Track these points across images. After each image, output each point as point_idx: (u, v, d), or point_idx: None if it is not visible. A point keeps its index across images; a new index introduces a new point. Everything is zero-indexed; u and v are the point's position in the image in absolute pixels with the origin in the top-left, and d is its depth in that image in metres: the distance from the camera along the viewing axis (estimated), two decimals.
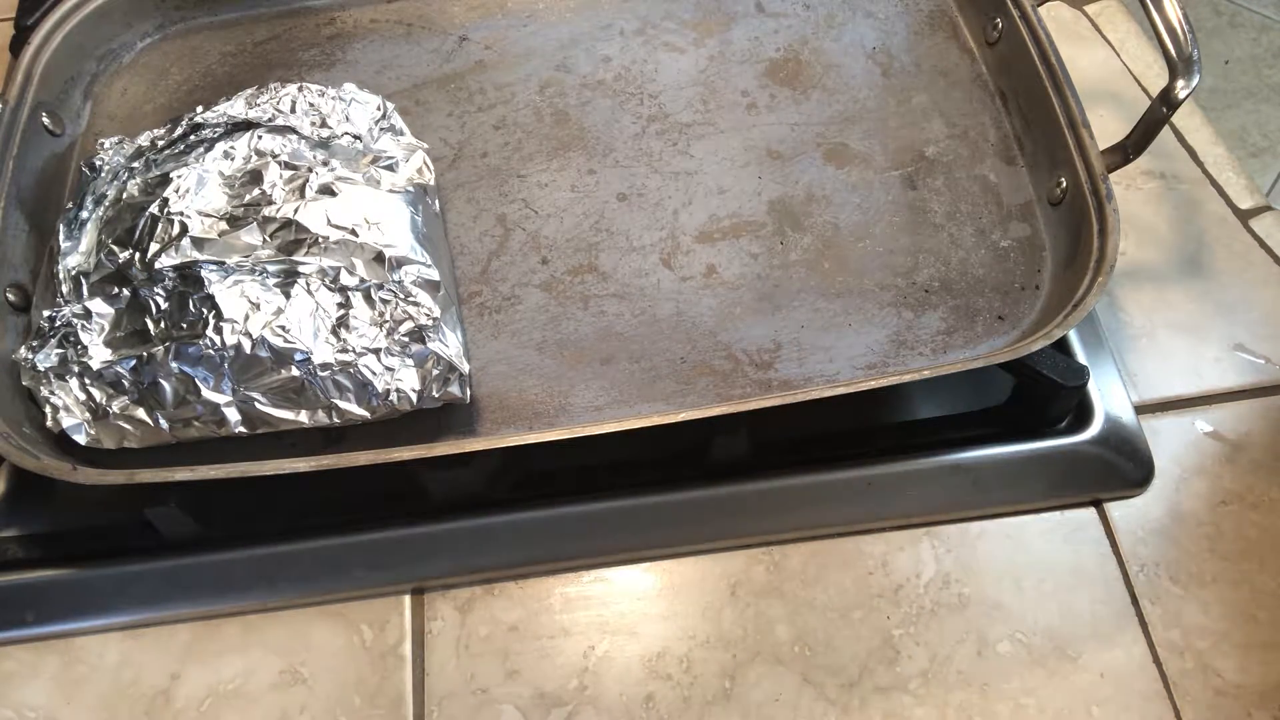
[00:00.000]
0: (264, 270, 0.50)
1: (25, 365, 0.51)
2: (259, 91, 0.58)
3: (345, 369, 0.49)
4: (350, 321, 0.49)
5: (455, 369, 0.50)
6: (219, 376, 0.49)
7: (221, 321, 0.49)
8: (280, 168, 0.53)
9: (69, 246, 0.54)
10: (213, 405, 0.49)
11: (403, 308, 0.50)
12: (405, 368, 0.49)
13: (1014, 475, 0.53)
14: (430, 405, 0.50)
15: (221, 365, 0.49)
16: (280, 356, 0.49)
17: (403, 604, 0.51)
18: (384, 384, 0.49)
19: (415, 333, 0.49)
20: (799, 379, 0.53)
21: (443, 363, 0.50)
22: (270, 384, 0.49)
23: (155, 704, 0.49)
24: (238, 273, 0.50)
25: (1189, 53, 0.52)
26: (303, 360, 0.49)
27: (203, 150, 0.55)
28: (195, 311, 0.49)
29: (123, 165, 0.57)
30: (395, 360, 0.49)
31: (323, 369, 0.49)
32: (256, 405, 0.49)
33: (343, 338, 0.49)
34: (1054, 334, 0.49)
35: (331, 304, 0.50)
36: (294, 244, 0.50)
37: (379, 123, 0.58)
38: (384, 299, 0.50)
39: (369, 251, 0.50)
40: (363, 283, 0.50)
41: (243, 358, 0.48)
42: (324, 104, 0.58)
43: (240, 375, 0.49)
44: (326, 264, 0.50)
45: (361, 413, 0.49)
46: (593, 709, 0.48)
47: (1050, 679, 0.48)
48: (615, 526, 0.52)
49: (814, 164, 0.61)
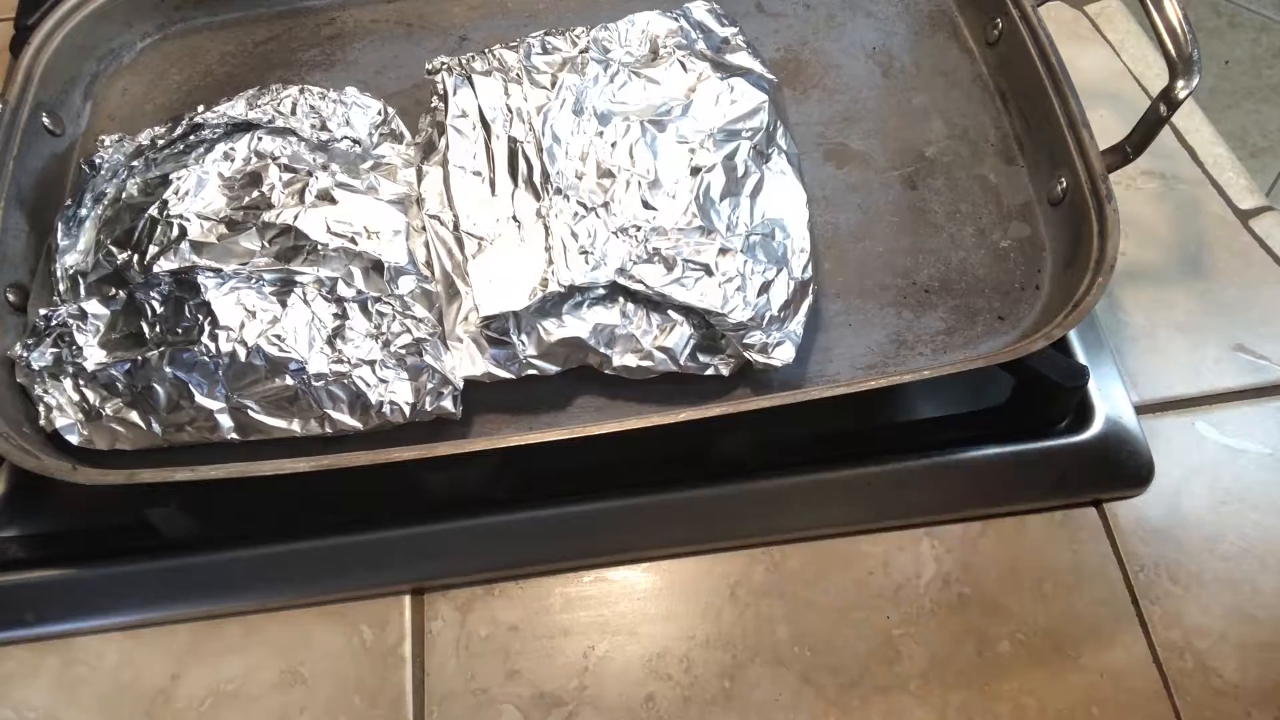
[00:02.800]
0: (260, 278, 0.50)
1: (20, 363, 0.51)
2: (260, 92, 0.58)
3: (339, 380, 0.49)
4: (346, 333, 0.49)
5: (449, 383, 0.50)
6: (213, 383, 0.49)
7: (217, 328, 0.49)
8: (279, 170, 0.53)
9: (67, 244, 0.54)
10: (205, 411, 0.49)
11: (399, 320, 0.50)
12: (399, 380, 0.49)
13: (1014, 475, 0.53)
14: (423, 419, 0.50)
15: (215, 372, 0.49)
16: (275, 365, 0.49)
17: (403, 604, 0.51)
18: (377, 396, 0.49)
19: (411, 346, 0.49)
20: (799, 379, 0.53)
21: (436, 376, 0.49)
22: (264, 392, 0.49)
23: (155, 704, 0.49)
24: (234, 279, 0.50)
25: (1189, 53, 0.52)
26: (297, 370, 0.49)
27: (203, 151, 0.55)
28: (191, 317, 0.49)
29: (123, 164, 0.57)
30: (390, 373, 0.49)
31: (316, 379, 0.49)
32: (249, 413, 0.49)
33: (338, 348, 0.49)
34: (1054, 334, 0.49)
35: (328, 314, 0.50)
36: (292, 250, 0.50)
37: (379, 127, 0.58)
38: (380, 311, 0.50)
39: (367, 260, 0.50)
40: (360, 294, 0.50)
41: (237, 365, 0.48)
42: (325, 107, 0.58)
43: (234, 383, 0.49)
44: (324, 274, 0.50)
45: (354, 424, 0.49)
46: (593, 709, 0.48)
47: (1050, 679, 0.48)
48: (615, 526, 0.52)
49: (814, 164, 0.61)
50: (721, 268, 0.51)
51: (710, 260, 0.51)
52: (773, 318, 0.51)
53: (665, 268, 0.50)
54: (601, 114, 0.55)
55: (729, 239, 0.52)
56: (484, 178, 0.53)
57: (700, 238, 0.51)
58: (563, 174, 0.52)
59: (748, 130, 0.55)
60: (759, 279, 0.51)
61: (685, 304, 0.50)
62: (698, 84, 0.56)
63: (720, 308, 0.50)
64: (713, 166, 0.53)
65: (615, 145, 0.54)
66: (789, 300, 0.51)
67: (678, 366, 0.51)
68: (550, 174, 0.52)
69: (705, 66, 0.57)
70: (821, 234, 0.58)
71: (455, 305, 0.51)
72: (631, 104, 0.55)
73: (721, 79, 0.56)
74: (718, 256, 0.51)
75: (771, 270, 0.52)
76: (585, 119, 0.54)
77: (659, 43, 0.58)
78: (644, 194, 0.52)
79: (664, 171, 0.53)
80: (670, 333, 0.51)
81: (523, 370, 0.51)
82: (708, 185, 0.53)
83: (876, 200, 0.60)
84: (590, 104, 0.55)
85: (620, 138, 0.54)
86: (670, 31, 0.59)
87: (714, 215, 0.52)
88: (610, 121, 0.54)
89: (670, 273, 0.50)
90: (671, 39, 0.58)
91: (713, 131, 0.54)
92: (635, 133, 0.54)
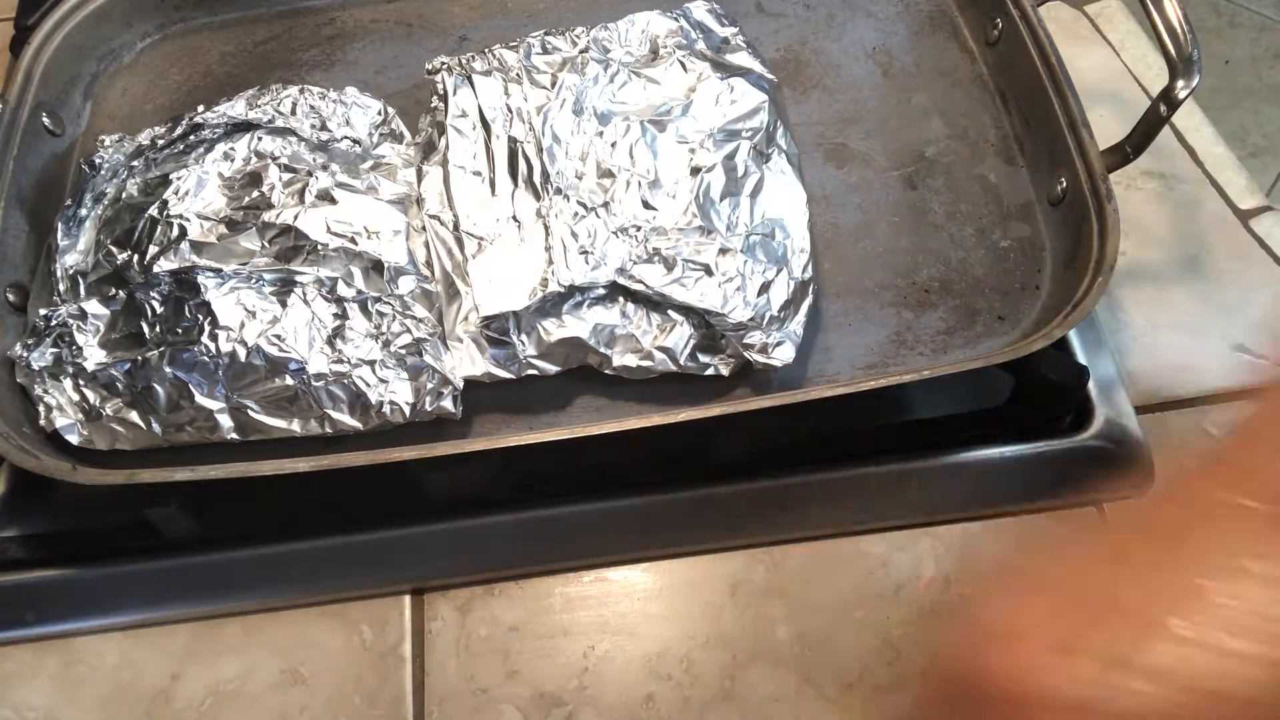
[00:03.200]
0: (260, 278, 0.50)
1: (20, 363, 0.51)
2: (260, 92, 0.58)
3: (339, 380, 0.49)
4: (346, 333, 0.49)
5: (449, 383, 0.50)
6: (213, 383, 0.49)
7: (217, 329, 0.49)
8: (279, 170, 0.53)
9: (67, 244, 0.54)
10: (206, 411, 0.49)
11: (399, 320, 0.50)
12: (399, 380, 0.49)
13: (1014, 475, 0.53)
14: (423, 419, 0.50)
15: (215, 372, 0.49)
16: (275, 365, 0.49)
17: (403, 604, 0.51)
18: (377, 396, 0.49)
19: (411, 346, 0.49)
20: (799, 379, 0.53)
21: (436, 376, 0.49)
22: (264, 392, 0.49)
23: (155, 704, 0.49)
24: (234, 279, 0.50)
25: (1189, 53, 0.52)
26: (297, 370, 0.49)
27: (203, 151, 0.55)
28: (191, 317, 0.49)
29: (122, 163, 0.57)
30: (390, 373, 0.49)
31: (316, 379, 0.49)
32: (249, 413, 0.49)
33: (338, 348, 0.49)
34: (1054, 334, 0.49)
35: (328, 314, 0.50)
36: (292, 251, 0.50)
37: (379, 128, 0.58)
38: (380, 311, 0.50)
39: (367, 260, 0.50)
40: (360, 294, 0.50)
41: (237, 365, 0.49)
42: (325, 107, 0.58)
43: (234, 383, 0.49)
44: (324, 274, 0.50)
45: (354, 424, 0.50)
46: (593, 709, 0.48)
47: None
48: (615, 526, 0.52)
49: (814, 164, 0.61)
50: (721, 268, 0.51)
51: (710, 260, 0.51)
52: (773, 318, 0.51)
53: (665, 268, 0.50)
54: (602, 114, 0.55)
55: (729, 239, 0.52)
56: (484, 178, 0.53)
57: (700, 238, 0.51)
58: (563, 174, 0.52)
59: (748, 130, 0.55)
60: (759, 279, 0.51)
61: (685, 304, 0.50)
62: (698, 84, 0.56)
63: (720, 308, 0.50)
64: (713, 166, 0.53)
65: (615, 145, 0.54)
66: (789, 300, 0.51)
67: (678, 366, 0.51)
68: (550, 174, 0.52)
69: (705, 66, 0.57)
70: (821, 234, 0.58)
71: (455, 305, 0.51)
72: (631, 104, 0.55)
73: (721, 79, 0.56)
74: (718, 256, 0.51)
75: (771, 270, 0.52)
76: (585, 119, 0.54)
77: (659, 43, 0.58)
78: (644, 194, 0.52)
79: (664, 171, 0.53)
80: (670, 333, 0.51)
81: (523, 370, 0.51)
82: (708, 185, 0.53)
83: (876, 200, 0.60)
84: (590, 104, 0.55)
85: (620, 137, 0.54)
86: (670, 31, 0.59)
87: (714, 215, 0.52)
88: (610, 121, 0.54)
89: (670, 273, 0.50)
90: (671, 39, 0.58)
91: (713, 131, 0.54)
92: (635, 133, 0.54)
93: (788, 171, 0.55)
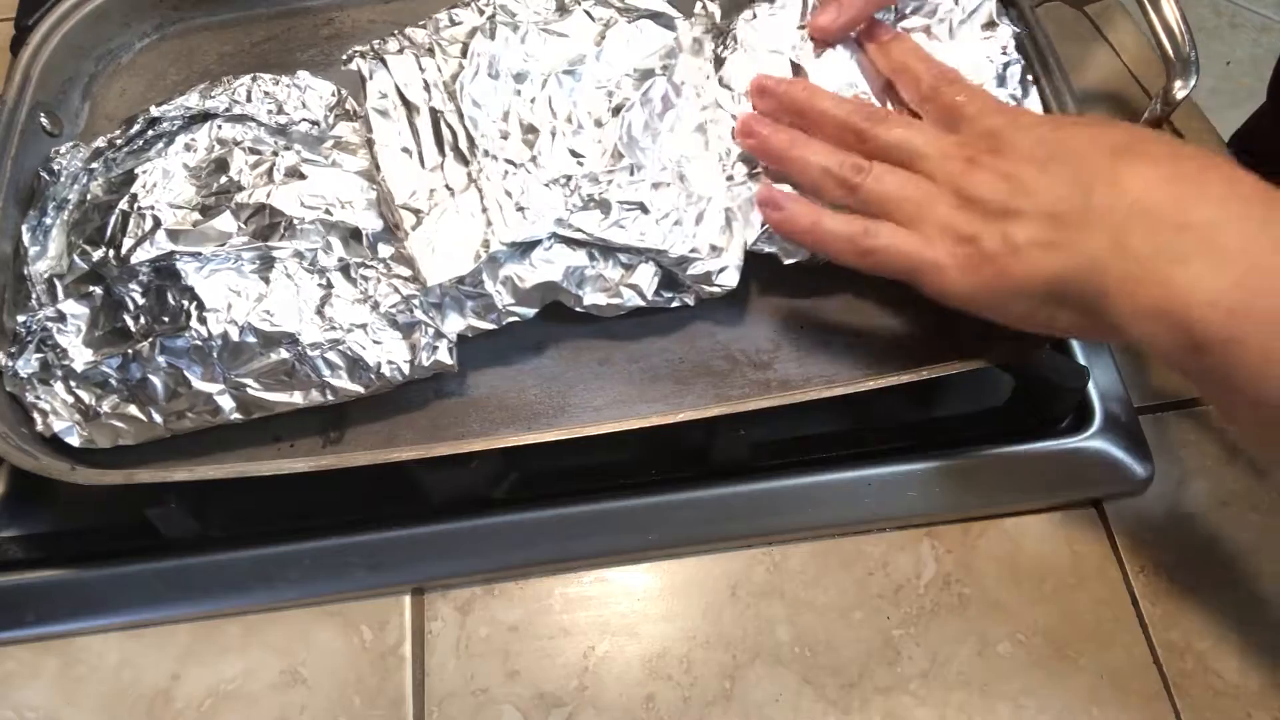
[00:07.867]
0: (240, 258, 0.50)
1: (7, 373, 0.50)
2: (212, 84, 0.58)
3: (335, 346, 0.49)
4: (333, 301, 0.50)
5: (442, 335, 0.50)
6: (209, 366, 0.49)
7: (205, 312, 0.49)
8: (245, 154, 0.53)
9: (36, 252, 0.54)
10: (205, 395, 0.49)
11: (385, 282, 0.50)
12: (394, 340, 0.50)
13: (1014, 475, 0.53)
14: (422, 375, 0.50)
15: (210, 355, 0.49)
16: (268, 340, 0.49)
17: (403, 604, 0.51)
18: (374, 357, 0.49)
19: (400, 304, 0.50)
20: (799, 379, 0.53)
21: (430, 330, 0.50)
22: (261, 368, 0.49)
23: (155, 704, 0.49)
24: (214, 261, 0.50)
25: (1186, 53, 0.52)
26: (291, 342, 0.49)
27: (163, 145, 0.55)
28: (175, 304, 0.49)
29: (81, 168, 0.57)
30: (383, 334, 0.50)
31: (312, 348, 0.49)
32: (249, 391, 0.49)
33: (328, 316, 0.50)
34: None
35: (312, 285, 0.50)
36: (269, 228, 0.51)
37: (334, 109, 0.58)
38: (365, 275, 0.51)
39: (344, 229, 0.51)
40: (341, 261, 0.51)
41: (230, 345, 0.49)
42: (279, 91, 0.58)
43: (230, 363, 0.49)
44: (303, 246, 0.50)
45: (355, 388, 0.50)
46: (593, 709, 0.48)
47: (1050, 680, 0.48)
48: (615, 526, 0.52)
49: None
50: (656, 204, 0.51)
51: (645, 198, 0.51)
52: (712, 246, 0.52)
53: (602, 212, 0.51)
54: (517, 74, 0.55)
55: (660, 174, 0.52)
56: (413, 153, 0.54)
57: (630, 176, 0.52)
58: (487, 136, 0.53)
59: (660, 67, 0.55)
60: (694, 210, 0.52)
61: (627, 245, 0.51)
62: (606, 30, 0.56)
63: (661, 244, 0.51)
64: (632, 105, 0.54)
65: (535, 100, 0.54)
66: (725, 224, 0.52)
67: (645, 301, 0.52)
68: (475, 138, 0.53)
69: (612, 13, 0.57)
70: None
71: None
72: (545, 59, 0.56)
73: (629, 22, 0.57)
74: (651, 192, 0.52)
75: (704, 201, 0.52)
76: (502, 80, 0.55)
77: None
78: (570, 142, 0.53)
79: (585, 118, 0.54)
80: (635, 271, 0.52)
81: (503, 319, 0.51)
82: (629, 124, 0.53)
83: None
84: (505, 66, 0.55)
85: (539, 92, 0.55)
86: None
87: (639, 152, 0.53)
88: (527, 79, 0.55)
89: (608, 216, 0.51)
90: None
91: (629, 71, 0.55)
92: (553, 85, 0.55)
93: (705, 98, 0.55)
